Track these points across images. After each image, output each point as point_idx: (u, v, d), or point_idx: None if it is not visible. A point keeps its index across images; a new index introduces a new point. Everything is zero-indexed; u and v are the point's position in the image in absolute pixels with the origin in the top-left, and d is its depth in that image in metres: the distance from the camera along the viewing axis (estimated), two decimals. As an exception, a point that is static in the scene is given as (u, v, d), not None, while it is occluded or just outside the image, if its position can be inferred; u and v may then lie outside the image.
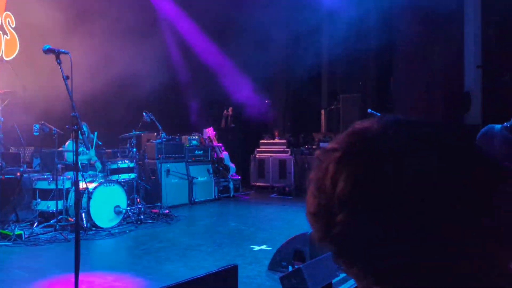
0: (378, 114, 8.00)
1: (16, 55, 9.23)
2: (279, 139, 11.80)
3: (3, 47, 9.09)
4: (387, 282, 0.59)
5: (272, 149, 11.53)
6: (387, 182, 0.56)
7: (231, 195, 10.62)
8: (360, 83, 10.39)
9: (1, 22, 9.10)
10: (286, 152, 11.25)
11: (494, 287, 0.56)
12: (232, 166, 10.83)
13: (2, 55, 9.06)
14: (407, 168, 0.56)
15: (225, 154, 10.80)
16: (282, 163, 11.23)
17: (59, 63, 2.92)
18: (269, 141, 11.81)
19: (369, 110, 8.05)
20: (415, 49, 9.87)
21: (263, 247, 5.91)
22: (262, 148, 11.72)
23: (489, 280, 0.56)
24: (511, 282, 0.56)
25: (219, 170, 10.59)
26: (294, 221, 7.67)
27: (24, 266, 4.99)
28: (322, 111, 12.25)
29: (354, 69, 10.50)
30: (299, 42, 11.27)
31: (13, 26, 9.25)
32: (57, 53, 2.94)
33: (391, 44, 10.19)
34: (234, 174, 10.87)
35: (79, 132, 2.79)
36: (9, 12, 9.23)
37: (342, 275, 4.59)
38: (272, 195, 11.00)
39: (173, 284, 2.72)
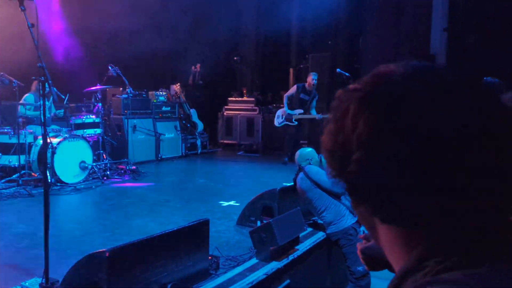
0: (347, 74, 8.04)
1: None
2: (248, 97, 11.75)
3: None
4: (392, 223, 0.61)
5: (240, 107, 11.50)
6: (408, 126, 0.57)
7: (198, 152, 10.61)
8: (330, 42, 10.36)
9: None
10: (254, 110, 11.26)
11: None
12: (199, 123, 10.76)
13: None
14: (429, 114, 0.57)
15: (192, 111, 10.69)
16: (250, 121, 11.25)
17: (23, 10, 2.75)
18: (237, 99, 11.75)
19: (338, 70, 8.11)
20: (384, 10, 9.89)
21: (232, 203, 6.00)
22: (230, 106, 11.66)
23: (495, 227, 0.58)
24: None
25: (187, 127, 10.51)
26: (261, 178, 7.79)
27: (-13, 221, 4.89)
28: (291, 70, 12.23)
29: (324, 28, 10.45)
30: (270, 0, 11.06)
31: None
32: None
33: (361, 4, 10.15)
34: (201, 131, 10.83)
35: (47, 83, 2.67)
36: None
37: (309, 229, 4.76)
38: (240, 153, 11.07)
39: (148, 237, 2.75)
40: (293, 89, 9.13)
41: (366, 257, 1.61)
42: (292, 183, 4.75)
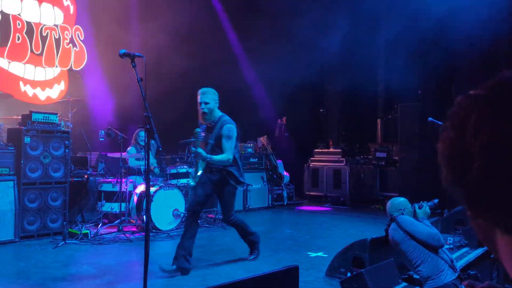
0: (440, 122, 7.71)
1: (84, 65, 9.80)
2: (334, 148, 11.69)
3: (72, 58, 9.69)
4: None
5: (326, 158, 11.45)
6: None
7: (285, 203, 10.62)
8: (420, 91, 10.11)
9: (71, 35, 9.72)
10: (341, 161, 11.13)
11: None
12: (286, 174, 10.85)
13: (71, 65, 9.65)
14: None
15: (279, 163, 10.85)
16: (336, 172, 11.11)
17: (134, 66, 3.10)
18: (323, 150, 11.73)
19: (429, 119, 7.81)
20: (479, 56, 9.50)
21: (320, 254, 5.87)
22: (316, 157, 11.66)
23: None
24: None
25: (273, 178, 10.65)
26: (349, 230, 7.56)
27: (92, 262, 5.26)
28: (379, 120, 12.03)
29: (412, 77, 10.26)
30: (354, 49, 11.17)
31: (81, 39, 9.85)
32: (132, 57, 3.13)
33: (451, 51, 9.87)
34: (287, 182, 10.89)
35: (152, 130, 2.94)
36: (78, 26, 9.84)
37: (404, 284, 4.47)
38: (326, 205, 10.89)
39: (240, 279, 2.79)
40: None
41: None
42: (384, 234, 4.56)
